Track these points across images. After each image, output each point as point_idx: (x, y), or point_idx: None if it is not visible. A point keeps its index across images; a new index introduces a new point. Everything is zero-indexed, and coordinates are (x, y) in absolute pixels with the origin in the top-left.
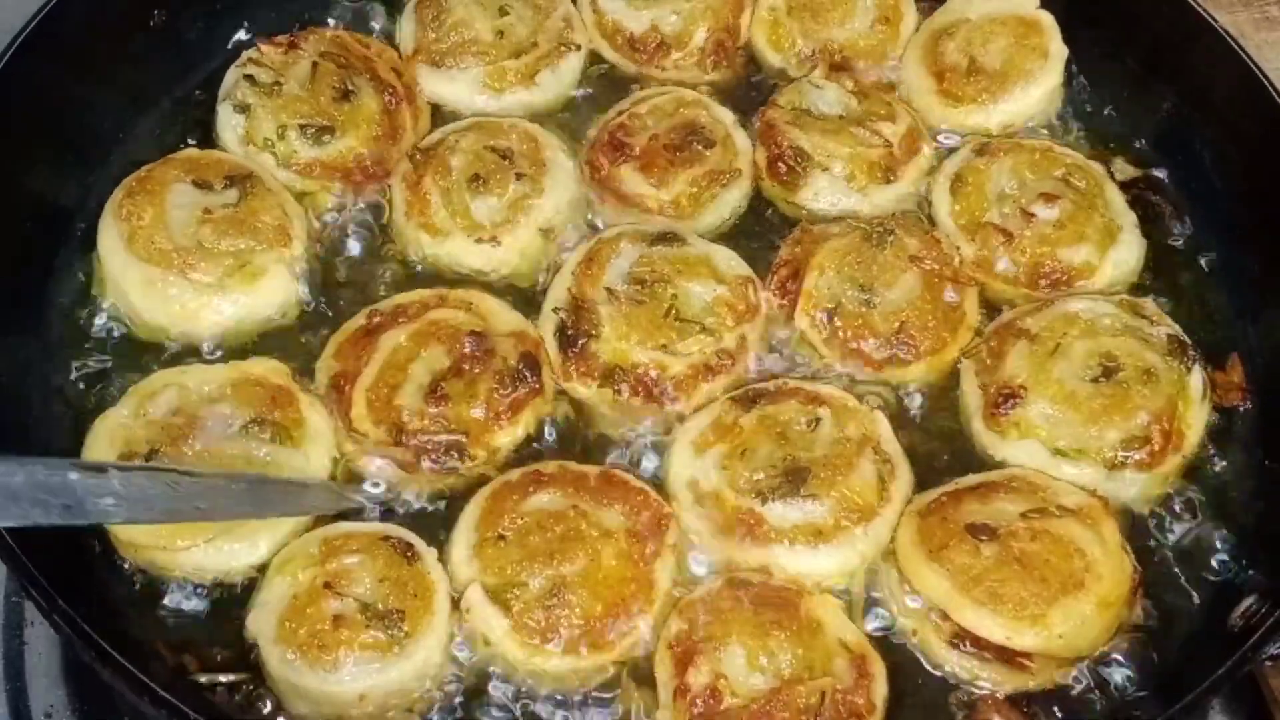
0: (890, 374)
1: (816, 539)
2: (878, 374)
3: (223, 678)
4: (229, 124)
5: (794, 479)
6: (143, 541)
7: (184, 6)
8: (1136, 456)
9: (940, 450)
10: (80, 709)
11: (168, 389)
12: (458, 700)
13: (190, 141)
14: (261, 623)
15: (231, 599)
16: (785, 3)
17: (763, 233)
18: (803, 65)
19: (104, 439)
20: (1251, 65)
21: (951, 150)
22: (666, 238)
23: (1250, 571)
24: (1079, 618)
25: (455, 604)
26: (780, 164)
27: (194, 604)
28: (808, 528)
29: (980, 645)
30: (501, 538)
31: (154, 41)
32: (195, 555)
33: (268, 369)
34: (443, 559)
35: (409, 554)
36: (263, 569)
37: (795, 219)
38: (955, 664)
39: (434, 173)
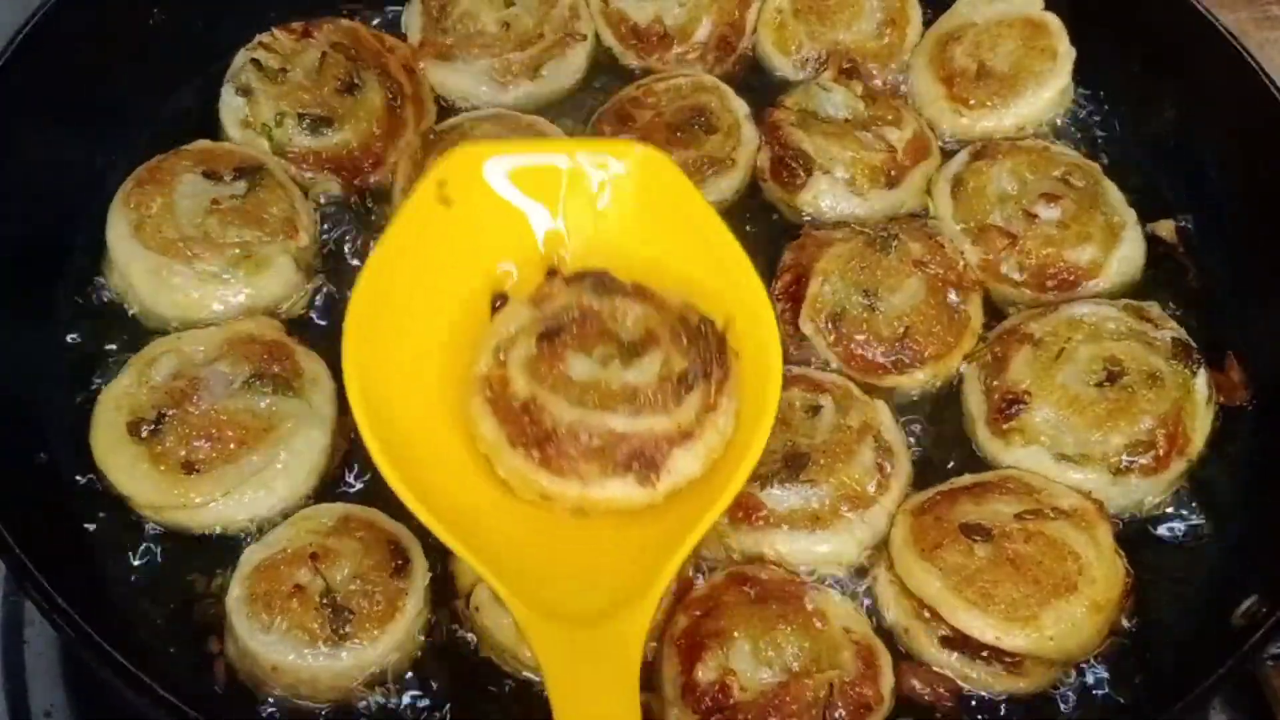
0: (894, 379)
1: (814, 525)
2: (881, 379)
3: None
4: (230, 106)
5: (793, 465)
6: (162, 502)
7: (183, 4)
8: (1141, 461)
9: (944, 455)
10: (80, 709)
11: (166, 355)
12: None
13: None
14: (249, 556)
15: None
16: (791, 4)
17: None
18: (809, 67)
19: (111, 408)
20: (1252, 64)
21: (953, 154)
22: None
23: (1252, 571)
24: (1070, 620)
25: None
26: (784, 166)
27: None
28: (805, 513)
29: (971, 646)
30: None
31: (157, 37)
32: (215, 510)
33: (259, 325)
34: (451, 560)
35: (399, 566)
36: (283, 516)
37: (797, 223)
38: (946, 664)
39: (440, 152)
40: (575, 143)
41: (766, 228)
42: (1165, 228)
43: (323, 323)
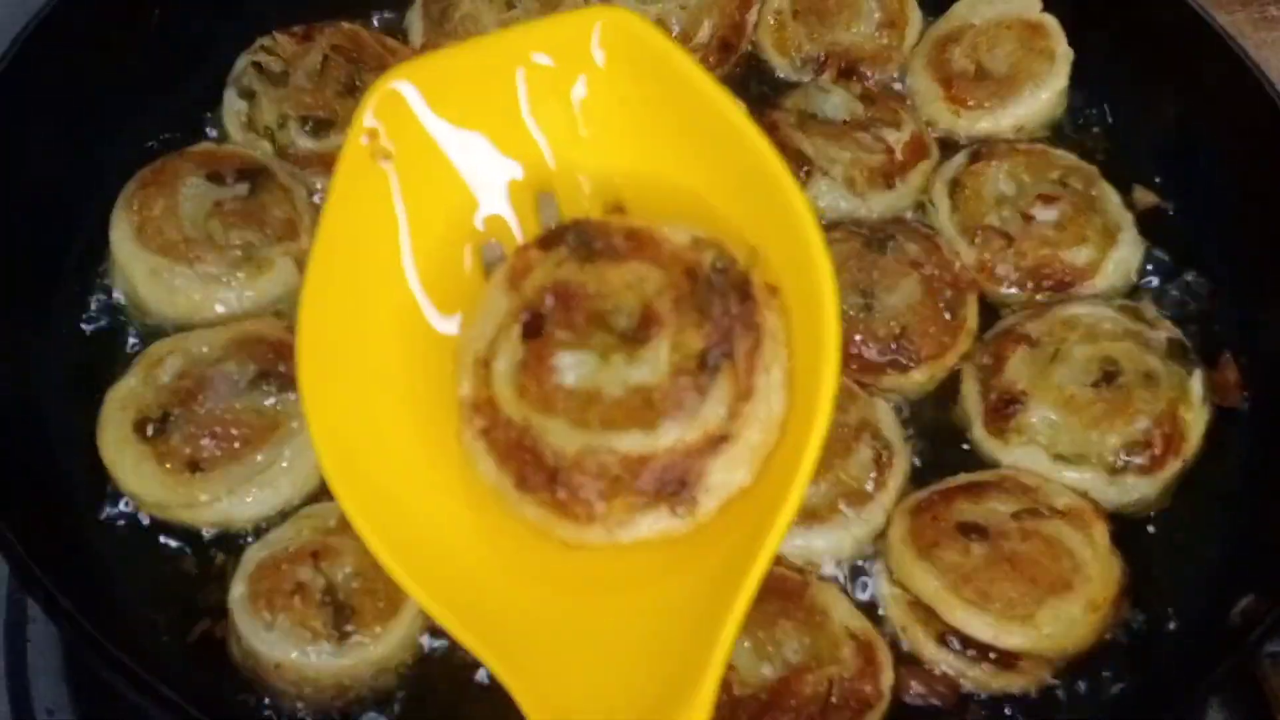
0: (891, 380)
1: (811, 521)
2: (878, 380)
3: None
4: (232, 109)
5: None
6: (167, 501)
7: (184, 6)
8: (1138, 461)
9: (941, 455)
10: (83, 708)
11: (172, 355)
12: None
13: (210, 134)
14: (251, 554)
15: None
16: (790, 6)
17: None
18: (808, 68)
19: (117, 407)
20: (1249, 64)
21: (951, 155)
22: None
23: (1249, 570)
24: (1067, 619)
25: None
26: None
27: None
28: (803, 509)
29: (968, 644)
30: None
31: (158, 38)
32: (221, 508)
33: (266, 325)
34: None
35: None
36: (287, 515)
37: None
38: (943, 662)
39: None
40: (521, 31)
41: None
42: (1141, 194)
43: None
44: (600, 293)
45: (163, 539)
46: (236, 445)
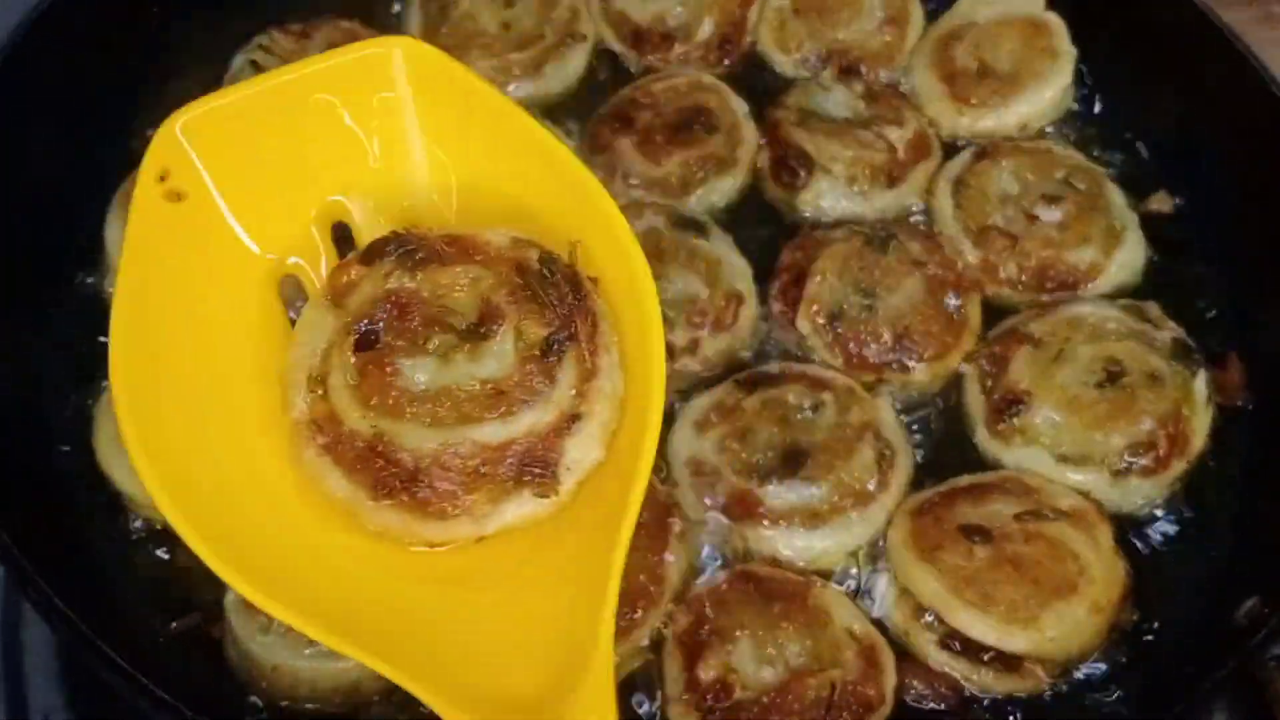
0: (893, 379)
1: (813, 522)
2: (880, 379)
3: None
4: None
5: (792, 461)
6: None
7: (182, 5)
8: (1142, 462)
9: (944, 456)
10: (80, 711)
11: None
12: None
13: None
14: None
15: None
16: (792, 3)
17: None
18: (809, 66)
19: (112, 409)
20: (1252, 63)
21: (955, 153)
22: (692, 224)
23: (1253, 572)
24: (1071, 621)
25: None
26: (784, 165)
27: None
28: (804, 510)
29: (971, 647)
30: None
31: (156, 37)
32: None
33: None
34: None
35: None
36: None
37: (796, 223)
38: (947, 665)
39: None
40: (310, 65)
41: (766, 228)
42: (1159, 199)
43: None
44: (434, 295)
45: (159, 540)
46: None
